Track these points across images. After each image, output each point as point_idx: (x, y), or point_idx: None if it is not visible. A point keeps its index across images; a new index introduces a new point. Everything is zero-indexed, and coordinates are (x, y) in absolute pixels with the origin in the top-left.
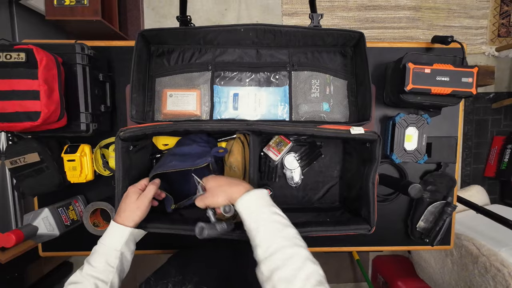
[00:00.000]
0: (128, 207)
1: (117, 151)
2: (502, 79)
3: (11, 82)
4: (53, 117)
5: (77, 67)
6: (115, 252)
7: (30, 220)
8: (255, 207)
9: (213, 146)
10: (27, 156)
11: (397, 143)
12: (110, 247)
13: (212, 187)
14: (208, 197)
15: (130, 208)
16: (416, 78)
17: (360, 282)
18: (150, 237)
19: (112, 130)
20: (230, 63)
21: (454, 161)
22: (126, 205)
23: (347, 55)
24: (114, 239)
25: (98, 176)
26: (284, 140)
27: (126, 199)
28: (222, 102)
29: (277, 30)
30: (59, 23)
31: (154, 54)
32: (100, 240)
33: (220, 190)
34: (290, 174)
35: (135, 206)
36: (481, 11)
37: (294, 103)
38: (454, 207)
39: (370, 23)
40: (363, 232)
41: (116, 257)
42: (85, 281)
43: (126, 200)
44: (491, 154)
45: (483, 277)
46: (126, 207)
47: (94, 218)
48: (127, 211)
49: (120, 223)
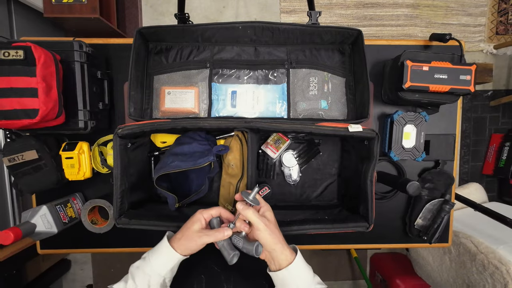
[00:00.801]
0: (186, 232)
1: (115, 149)
2: (500, 77)
3: (9, 80)
4: (51, 114)
5: (75, 64)
6: (158, 277)
7: (28, 218)
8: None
9: (213, 144)
10: (25, 153)
11: (395, 140)
12: (155, 270)
13: (273, 223)
14: (265, 229)
15: (187, 235)
16: (414, 76)
17: (358, 280)
18: (148, 235)
19: (110, 127)
20: (228, 60)
21: (452, 159)
22: (187, 229)
23: (345, 52)
24: (160, 262)
25: (96, 173)
26: (282, 137)
27: (189, 224)
28: (220, 99)
29: (275, 28)
30: (57, 20)
31: (152, 52)
32: (149, 256)
33: (278, 237)
34: (288, 171)
35: (192, 236)
36: (479, 8)
37: (292, 100)
38: (452, 204)
39: (368, 21)
40: (361, 229)
41: (158, 283)
42: None
43: (189, 224)
44: (489, 151)
45: (481, 275)
46: (186, 231)
47: (92, 216)
48: (183, 236)
49: (174, 247)
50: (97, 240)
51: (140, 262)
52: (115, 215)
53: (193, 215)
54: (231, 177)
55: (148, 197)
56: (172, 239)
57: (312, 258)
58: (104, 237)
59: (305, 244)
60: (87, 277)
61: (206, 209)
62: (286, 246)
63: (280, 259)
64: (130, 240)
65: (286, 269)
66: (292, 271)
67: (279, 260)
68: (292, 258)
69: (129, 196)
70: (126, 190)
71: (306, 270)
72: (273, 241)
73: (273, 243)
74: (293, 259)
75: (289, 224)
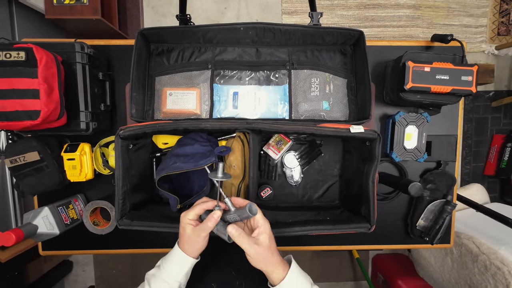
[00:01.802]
0: (185, 239)
1: (117, 150)
2: (502, 78)
3: (11, 81)
4: (53, 116)
5: (77, 66)
6: (174, 283)
7: (30, 219)
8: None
9: (215, 145)
10: (27, 155)
11: (397, 141)
12: (171, 276)
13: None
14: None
15: (187, 241)
16: (415, 77)
17: (360, 281)
18: (150, 236)
19: (112, 129)
20: (230, 61)
21: (454, 160)
22: (184, 237)
23: (347, 53)
24: (176, 267)
25: (98, 175)
26: (284, 138)
27: (182, 231)
28: (222, 100)
29: (277, 29)
30: (59, 22)
31: (153, 53)
32: (163, 263)
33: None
34: (290, 172)
35: (192, 240)
36: (481, 9)
37: (294, 101)
38: (454, 205)
39: (370, 22)
40: (363, 230)
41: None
42: None
43: (182, 232)
44: (491, 152)
45: (483, 276)
46: (184, 238)
47: (94, 217)
48: (186, 243)
49: (184, 251)
50: (99, 241)
51: (156, 270)
52: (116, 216)
53: (180, 222)
54: (233, 178)
55: (150, 198)
56: (181, 246)
57: (314, 259)
58: (105, 238)
59: (307, 245)
60: (89, 278)
61: (188, 211)
62: (277, 264)
63: (272, 278)
64: (132, 241)
65: (279, 286)
66: (284, 287)
67: (272, 278)
68: (284, 274)
69: (130, 197)
70: (127, 192)
71: (301, 282)
72: (263, 265)
73: (264, 267)
74: (285, 276)
75: (291, 225)
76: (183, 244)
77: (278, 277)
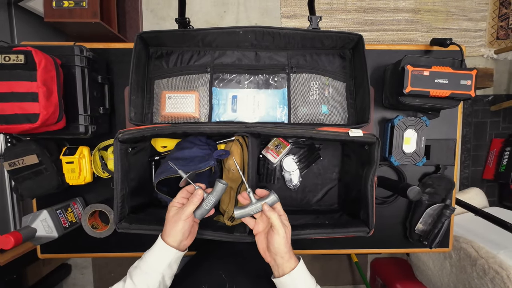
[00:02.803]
0: (168, 223)
1: (115, 153)
2: (501, 82)
3: (10, 84)
4: (52, 119)
5: (76, 69)
6: (156, 274)
7: (28, 222)
8: None
9: (214, 148)
10: (25, 158)
11: (396, 145)
12: (152, 267)
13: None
14: (284, 236)
15: (169, 223)
16: (414, 81)
17: (358, 285)
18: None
19: (111, 132)
20: (229, 65)
21: (453, 164)
22: (167, 221)
23: (346, 57)
24: (156, 258)
25: (97, 178)
26: (282, 142)
27: (167, 215)
28: (221, 104)
29: (276, 33)
30: (58, 25)
31: (152, 56)
32: (145, 255)
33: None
34: (288, 176)
35: (173, 220)
36: (480, 13)
37: (293, 105)
38: (452, 209)
39: (369, 26)
40: (361, 234)
41: (156, 281)
42: None
43: (167, 216)
44: (490, 156)
45: (481, 280)
46: (167, 223)
47: (92, 220)
48: (167, 227)
49: (165, 240)
50: (98, 244)
51: (138, 262)
52: (115, 219)
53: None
54: (232, 182)
55: (149, 201)
56: (163, 235)
57: (312, 263)
58: (104, 241)
59: (305, 248)
60: (88, 281)
61: (174, 198)
62: (293, 255)
63: (285, 266)
64: (130, 244)
65: (289, 275)
66: (294, 276)
67: (283, 267)
68: (295, 264)
69: (129, 200)
70: (126, 195)
71: (308, 278)
72: (286, 249)
73: (285, 251)
74: (296, 265)
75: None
76: (165, 230)
77: (290, 266)
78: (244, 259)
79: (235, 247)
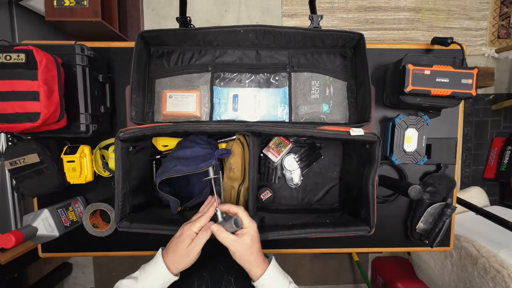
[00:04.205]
0: (178, 251)
1: (116, 152)
2: (502, 81)
3: (11, 83)
4: (53, 118)
5: (77, 68)
6: None
7: (29, 221)
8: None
9: (215, 147)
10: (26, 157)
11: (397, 144)
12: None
13: (246, 246)
14: (234, 253)
15: (180, 253)
16: (415, 80)
17: (359, 284)
18: (150, 238)
19: (112, 131)
20: (230, 64)
21: (454, 163)
22: (178, 248)
23: (347, 56)
24: (155, 283)
25: (98, 177)
26: (283, 141)
27: (179, 242)
28: (222, 103)
29: (277, 31)
30: (59, 24)
31: (153, 55)
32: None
33: (248, 258)
34: (289, 175)
35: (185, 253)
36: (481, 12)
37: (294, 104)
38: (453, 208)
39: (370, 25)
40: (362, 233)
41: None
42: None
43: (179, 242)
44: (491, 155)
45: (482, 279)
46: (177, 249)
47: (93, 219)
48: (176, 256)
49: (167, 264)
50: (99, 243)
51: (132, 283)
52: (116, 218)
53: (182, 232)
54: (233, 181)
55: (150, 200)
56: (166, 260)
57: (313, 262)
58: (105, 240)
59: (306, 247)
60: (89, 280)
61: (194, 223)
62: (256, 264)
63: (253, 272)
64: (131, 243)
65: (258, 281)
66: (265, 281)
67: (254, 273)
68: (262, 272)
69: (130, 199)
70: (127, 194)
71: (280, 278)
72: (242, 262)
73: (243, 264)
74: (262, 273)
75: (290, 228)
76: (171, 261)
77: (256, 274)
78: None
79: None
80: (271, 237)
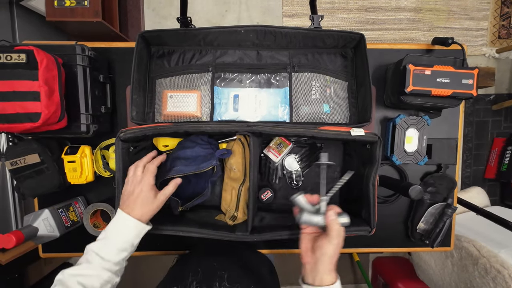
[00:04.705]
0: (143, 199)
1: (117, 152)
2: (503, 81)
3: (11, 83)
4: (54, 118)
5: (78, 68)
6: (132, 249)
7: (30, 221)
8: None
9: (216, 148)
10: (27, 157)
11: (398, 144)
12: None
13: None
14: (338, 245)
15: (145, 202)
16: (416, 80)
17: (360, 284)
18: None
19: (112, 131)
20: (231, 64)
21: (455, 163)
22: (142, 196)
23: (348, 56)
24: (127, 236)
25: (98, 177)
26: (284, 141)
27: (139, 191)
28: (223, 103)
29: (278, 32)
30: (60, 24)
31: (154, 55)
32: (109, 231)
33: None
34: (290, 175)
35: (150, 201)
36: (482, 12)
37: (295, 104)
38: (454, 208)
39: (371, 25)
40: (363, 233)
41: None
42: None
43: (139, 193)
44: (491, 155)
45: (483, 279)
46: (141, 199)
47: (94, 219)
48: (142, 205)
49: (136, 217)
50: None
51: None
52: None
53: (139, 178)
54: (233, 181)
55: None
56: (132, 214)
57: None
58: None
59: None
60: None
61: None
62: (332, 268)
63: (325, 277)
64: None
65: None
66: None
67: (322, 277)
68: (335, 280)
69: None
70: None
71: None
72: (332, 260)
73: (329, 262)
74: (335, 281)
75: (291, 228)
76: (132, 207)
77: (331, 280)
78: (234, 253)
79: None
80: (271, 237)
